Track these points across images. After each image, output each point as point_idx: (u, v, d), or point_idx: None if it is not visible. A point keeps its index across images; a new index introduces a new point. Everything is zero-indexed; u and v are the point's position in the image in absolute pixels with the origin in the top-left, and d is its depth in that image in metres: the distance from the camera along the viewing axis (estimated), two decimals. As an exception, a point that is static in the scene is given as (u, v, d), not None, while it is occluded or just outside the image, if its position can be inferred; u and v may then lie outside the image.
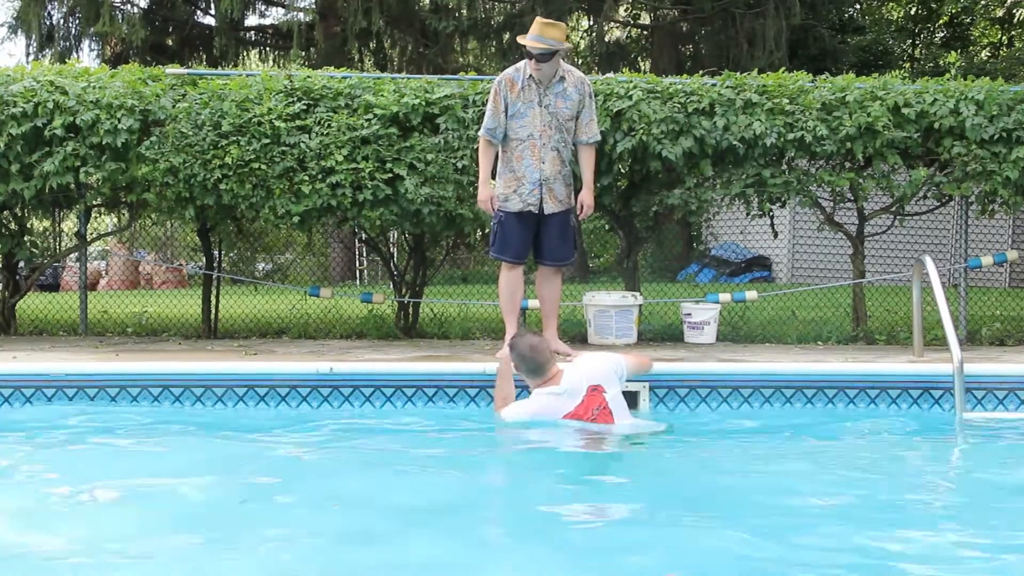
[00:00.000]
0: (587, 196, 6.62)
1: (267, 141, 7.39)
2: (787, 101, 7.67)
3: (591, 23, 22.66)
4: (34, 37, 19.66)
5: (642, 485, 4.54)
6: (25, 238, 8.44)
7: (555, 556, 3.42)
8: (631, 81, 7.76)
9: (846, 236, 8.48)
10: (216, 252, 8.78)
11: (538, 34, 6.25)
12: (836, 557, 3.38)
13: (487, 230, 7.35)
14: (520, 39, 6.39)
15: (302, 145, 7.41)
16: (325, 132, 7.45)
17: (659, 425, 5.44)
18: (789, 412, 5.93)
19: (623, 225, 8.46)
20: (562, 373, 5.34)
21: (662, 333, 8.39)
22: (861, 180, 7.81)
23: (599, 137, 6.73)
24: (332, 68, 8.40)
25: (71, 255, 9.70)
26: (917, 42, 27.67)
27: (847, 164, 7.92)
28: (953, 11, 25.39)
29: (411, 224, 7.73)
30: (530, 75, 6.37)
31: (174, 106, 7.63)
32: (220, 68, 19.00)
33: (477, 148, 7.43)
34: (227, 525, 3.76)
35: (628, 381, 5.69)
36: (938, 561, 3.38)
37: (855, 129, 7.54)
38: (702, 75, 8.05)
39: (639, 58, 22.95)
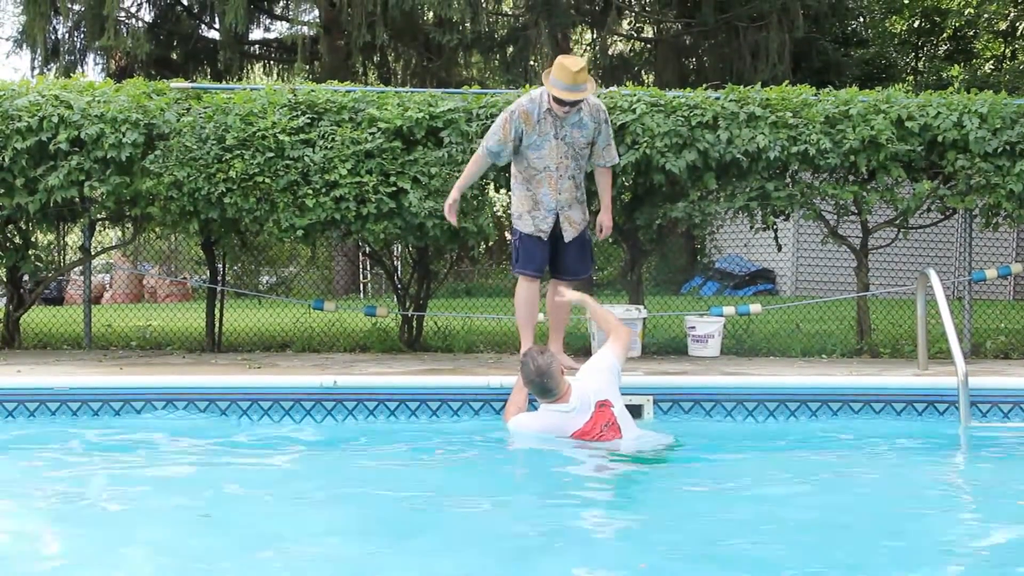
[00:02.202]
0: (606, 218, 6.65)
1: (271, 155, 7.41)
2: (791, 114, 7.68)
3: (594, 36, 22.70)
4: (39, 51, 19.70)
5: (647, 500, 4.53)
6: (29, 252, 8.45)
7: (554, 571, 3.41)
8: (635, 94, 7.77)
9: (850, 249, 8.48)
10: (220, 265, 8.78)
11: (571, 84, 5.99)
12: (839, 572, 3.37)
13: (491, 243, 7.34)
14: (549, 87, 6.07)
15: (306, 159, 7.42)
16: (329, 146, 7.46)
17: (666, 437, 5.41)
18: (793, 426, 5.92)
19: (627, 238, 8.46)
20: (571, 390, 5.30)
21: (666, 346, 8.39)
22: (865, 193, 7.81)
23: (617, 160, 6.64)
24: (336, 82, 8.41)
25: (75, 268, 9.71)
26: (920, 55, 27.68)
27: (851, 177, 7.92)
28: (956, 24, 25.40)
29: (415, 237, 7.74)
30: (547, 109, 6.19)
31: (178, 120, 7.64)
32: (224, 82, 19.09)
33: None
34: (228, 540, 3.76)
35: (632, 394, 5.68)
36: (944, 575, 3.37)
37: (859, 142, 7.54)
38: (705, 88, 8.06)
39: (643, 71, 22.97)
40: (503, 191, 8.32)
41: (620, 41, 23.63)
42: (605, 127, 6.42)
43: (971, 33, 26.16)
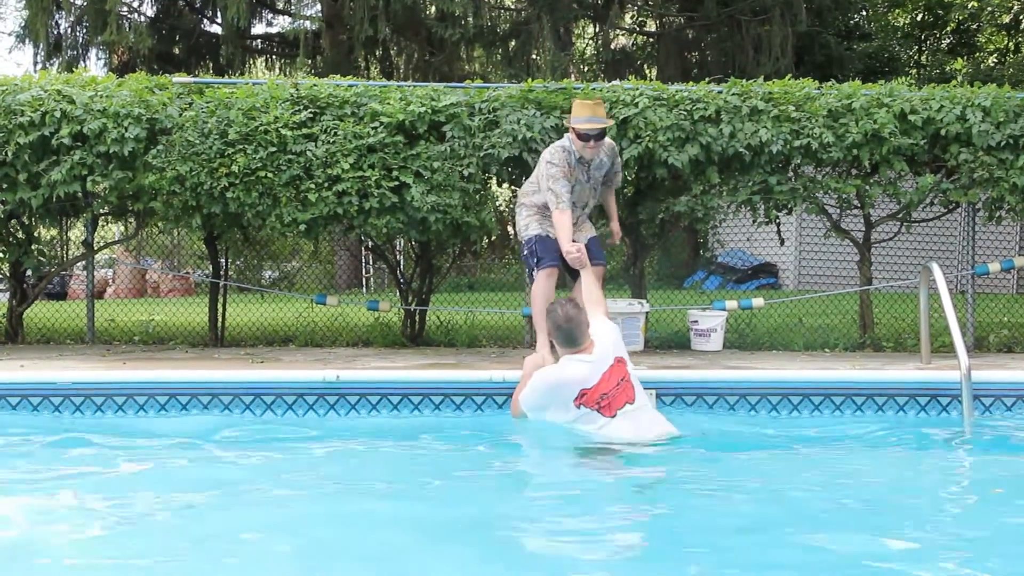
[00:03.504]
0: (616, 226, 6.80)
1: (273, 149, 7.40)
2: (793, 108, 7.67)
3: (597, 30, 22.69)
4: (42, 46, 19.71)
5: (649, 495, 4.53)
6: (32, 247, 8.46)
7: (557, 570, 3.41)
8: (637, 88, 7.76)
9: (853, 243, 8.47)
10: (223, 260, 8.79)
11: (591, 115, 6.21)
12: (842, 566, 3.37)
13: (493, 238, 7.33)
14: (573, 126, 6.23)
15: (308, 153, 7.41)
16: (331, 140, 7.46)
17: (674, 431, 5.40)
18: (796, 420, 5.92)
19: (629, 232, 8.46)
20: (594, 344, 5.33)
21: (669, 340, 8.39)
22: (868, 187, 7.80)
23: (620, 183, 6.92)
24: (338, 76, 8.41)
25: (78, 263, 9.72)
26: (923, 49, 27.62)
27: (853, 171, 7.92)
28: (960, 18, 25.36)
29: (417, 232, 7.73)
30: (579, 158, 6.30)
31: (181, 115, 7.64)
32: (227, 77, 19.07)
33: (483, 157, 7.49)
34: (231, 535, 3.76)
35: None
36: (945, 569, 3.36)
37: (861, 136, 7.54)
38: (708, 82, 8.05)
39: (645, 65, 22.96)
40: (505, 185, 8.32)
41: (622, 35, 23.61)
42: (618, 160, 6.70)
43: (974, 26, 26.11)
